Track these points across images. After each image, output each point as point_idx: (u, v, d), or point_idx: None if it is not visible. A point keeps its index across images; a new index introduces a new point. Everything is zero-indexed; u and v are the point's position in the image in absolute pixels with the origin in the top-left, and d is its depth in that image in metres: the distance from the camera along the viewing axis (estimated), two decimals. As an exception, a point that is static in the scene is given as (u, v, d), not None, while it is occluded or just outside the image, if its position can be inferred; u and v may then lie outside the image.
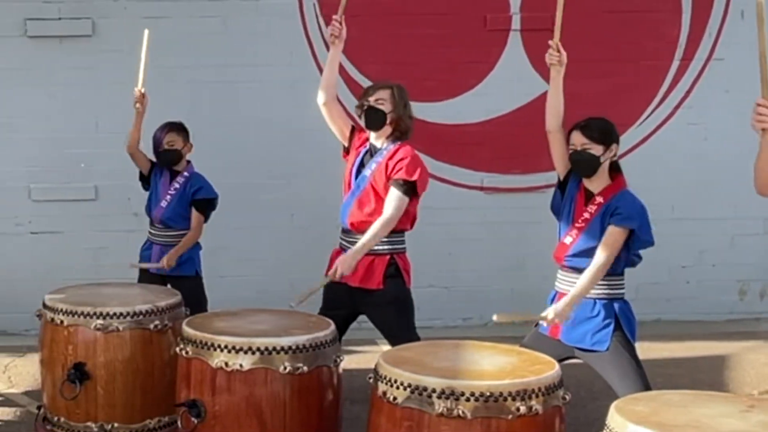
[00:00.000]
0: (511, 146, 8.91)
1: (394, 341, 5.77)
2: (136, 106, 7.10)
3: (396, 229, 5.96)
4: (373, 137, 6.07)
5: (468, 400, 4.21)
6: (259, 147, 8.75)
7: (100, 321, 5.50)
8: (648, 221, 5.29)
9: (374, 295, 5.96)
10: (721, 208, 9.09)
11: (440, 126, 8.84)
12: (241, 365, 4.86)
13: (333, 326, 5.20)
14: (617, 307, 5.28)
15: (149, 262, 7.10)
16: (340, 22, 6.16)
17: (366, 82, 7.63)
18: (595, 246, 5.23)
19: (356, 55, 8.50)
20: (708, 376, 7.48)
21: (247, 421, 4.90)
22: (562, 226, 5.47)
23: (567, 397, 4.45)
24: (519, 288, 8.92)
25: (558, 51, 5.48)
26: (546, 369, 4.46)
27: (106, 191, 8.55)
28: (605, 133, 5.34)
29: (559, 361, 4.73)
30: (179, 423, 5.07)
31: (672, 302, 9.17)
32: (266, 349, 4.87)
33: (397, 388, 4.34)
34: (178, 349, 5.10)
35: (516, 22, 8.93)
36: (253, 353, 4.87)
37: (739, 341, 8.49)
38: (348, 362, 5.43)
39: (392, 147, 5.99)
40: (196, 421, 4.93)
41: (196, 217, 7.10)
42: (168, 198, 7.09)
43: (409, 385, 4.31)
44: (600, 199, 5.34)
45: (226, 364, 4.87)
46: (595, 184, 5.37)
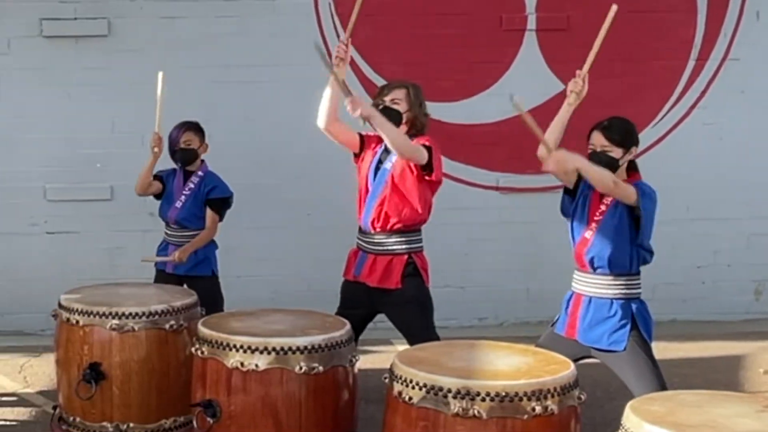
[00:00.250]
0: (526, 146, 8.79)
1: (413, 340, 5.76)
2: (154, 150, 7.04)
3: (413, 226, 5.98)
4: (389, 136, 6.06)
5: (483, 400, 4.20)
6: (275, 147, 8.74)
7: (116, 321, 5.51)
8: (653, 210, 5.23)
9: (393, 295, 5.96)
10: (737, 208, 9.06)
11: (456, 126, 8.82)
12: (256, 365, 4.86)
13: (348, 326, 5.19)
14: (634, 307, 5.27)
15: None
16: (347, 45, 6.12)
17: (381, 82, 7.61)
18: (615, 240, 5.21)
19: (371, 54, 8.51)
20: (724, 376, 7.47)
21: (263, 421, 4.90)
22: (576, 225, 5.43)
23: (582, 397, 4.45)
24: (534, 288, 8.92)
25: (583, 82, 5.44)
26: (561, 369, 4.46)
27: (121, 191, 8.52)
28: (626, 136, 5.31)
29: (575, 360, 4.72)
30: (195, 423, 5.08)
31: (688, 302, 9.15)
32: (282, 349, 4.87)
33: (413, 388, 4.34)
34: (193, 349, 5.09)
35: (531, 22, 8.93)
36: (269, 353, 4.87)
37: (755, 341, 8.47)
38: (363, 362, 5.42)
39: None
40: (211, 421, 4.93)
41: (210, 215, 7.08)
42: (182, 198, 7.08)
43: (425, 385, 4.30)
44: None
45: (242, 364, 4.87)
46: (611, 184, 5.34)
